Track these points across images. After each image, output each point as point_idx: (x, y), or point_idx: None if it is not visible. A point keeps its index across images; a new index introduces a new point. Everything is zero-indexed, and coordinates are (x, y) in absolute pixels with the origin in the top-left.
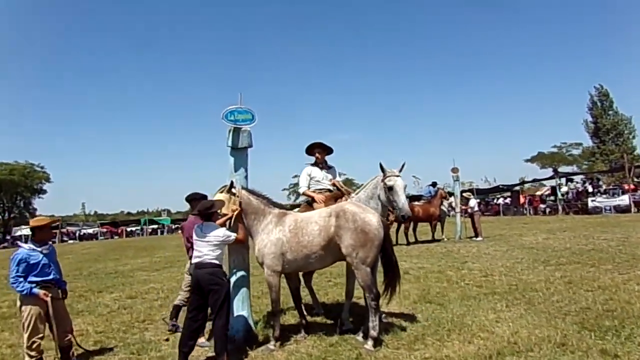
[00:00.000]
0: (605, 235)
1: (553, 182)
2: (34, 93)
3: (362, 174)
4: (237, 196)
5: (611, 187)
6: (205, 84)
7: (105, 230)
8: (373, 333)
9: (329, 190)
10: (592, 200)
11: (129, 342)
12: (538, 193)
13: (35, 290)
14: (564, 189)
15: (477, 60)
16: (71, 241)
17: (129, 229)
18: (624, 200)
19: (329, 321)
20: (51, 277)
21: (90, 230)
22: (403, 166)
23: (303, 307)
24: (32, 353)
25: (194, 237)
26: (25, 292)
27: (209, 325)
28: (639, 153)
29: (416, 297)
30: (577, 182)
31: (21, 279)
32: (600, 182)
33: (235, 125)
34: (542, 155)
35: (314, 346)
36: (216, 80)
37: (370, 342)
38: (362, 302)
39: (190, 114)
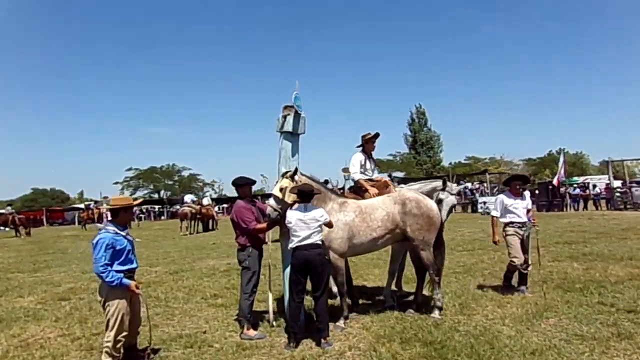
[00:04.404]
0: (462, 229)
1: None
2: None
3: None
4: (299, 182)
5: None
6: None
7: None
8: (438, 304)
9: (371, 180)
10: None
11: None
12: None
13: (126, 280)
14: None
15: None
16: None
17: None
18: None
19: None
20: (134, 265)
21: None
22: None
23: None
24: (116, 354)
25: (295, 218)
26: (115, 283)
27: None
28: (444, 165)
29: (406, 279)
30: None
31: (109, 268)
32: None
33: (298, 111)
34: (379, 161)
35: (382, 320)
36: None
37: (437, 312)
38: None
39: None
